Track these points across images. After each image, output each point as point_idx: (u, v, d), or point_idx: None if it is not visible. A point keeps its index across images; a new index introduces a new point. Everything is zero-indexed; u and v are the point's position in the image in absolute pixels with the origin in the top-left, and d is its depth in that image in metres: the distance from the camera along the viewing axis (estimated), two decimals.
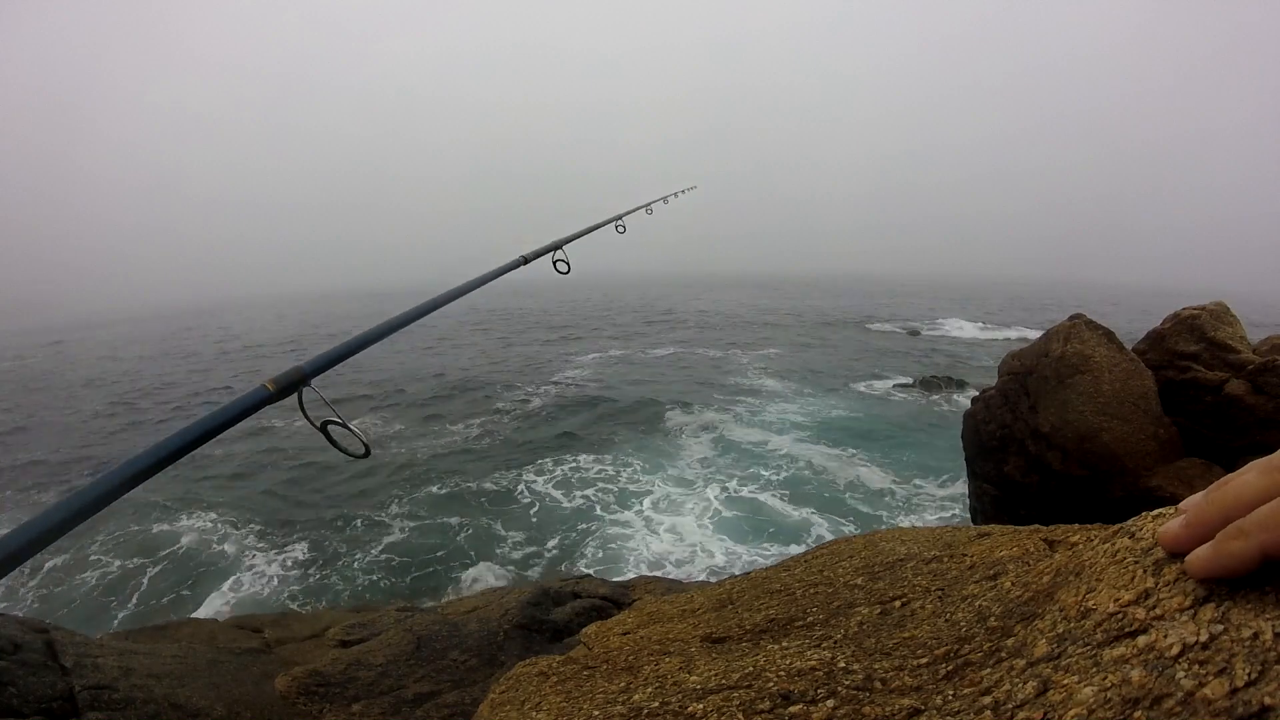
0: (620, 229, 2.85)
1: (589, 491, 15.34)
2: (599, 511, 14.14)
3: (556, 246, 1.96)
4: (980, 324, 51.72)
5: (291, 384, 0.84)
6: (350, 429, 0.86)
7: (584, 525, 13.48)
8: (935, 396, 24.65)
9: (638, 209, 3.29)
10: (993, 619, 0.72)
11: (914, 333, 46.80)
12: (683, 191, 4.37)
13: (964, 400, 21.63)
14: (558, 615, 5.46)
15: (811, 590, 1.30)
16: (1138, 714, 0.40)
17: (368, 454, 0.89)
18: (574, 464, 17.44)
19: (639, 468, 16.96)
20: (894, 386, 26.51)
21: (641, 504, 14.41)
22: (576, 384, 28.50)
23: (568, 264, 1.98)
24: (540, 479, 16.36)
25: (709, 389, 26.72)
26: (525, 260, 1.78)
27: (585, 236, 2.32)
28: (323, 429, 0.87)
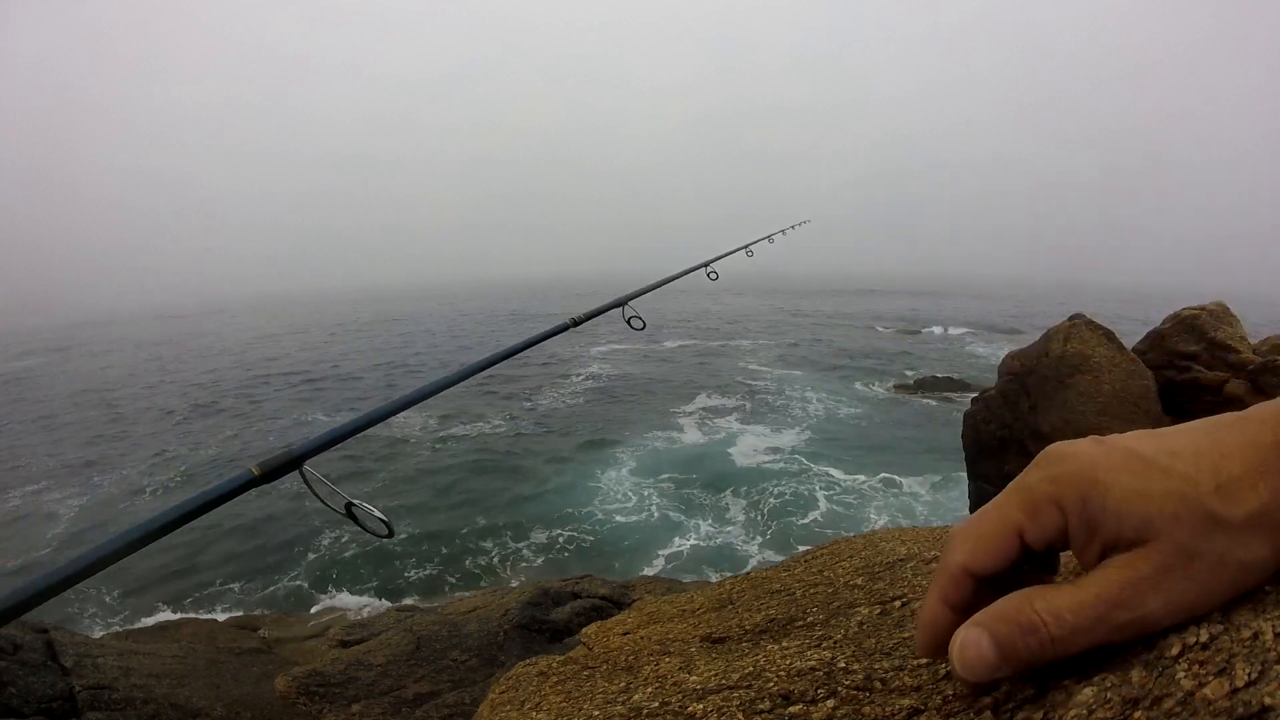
0: (712, 275, 2.43)
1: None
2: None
3: (621, 303, 1.79)
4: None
5: (282, 467, 0.77)
6: (371, 511, 0.82)
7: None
8: (935, 397, 24.65)
9: (739, 250, 2.90)
10: None
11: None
12: (795, 226, 4.08)
13: (964, 399, 21.65)
14: (557, 615, 5.46)
15: (811, 590, 1.30)
16: (1138, 714, 0.40)
17: (391, 534, 0.85)
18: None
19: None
20: (894, 387, 26.52)
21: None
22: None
23: (642, 320, 1.79)
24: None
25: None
26: (576, 322, 1.64)
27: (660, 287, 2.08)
28: (347, 511, 0.83)
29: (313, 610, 9.84)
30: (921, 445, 18.18)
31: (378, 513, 0.83)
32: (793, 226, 4.08)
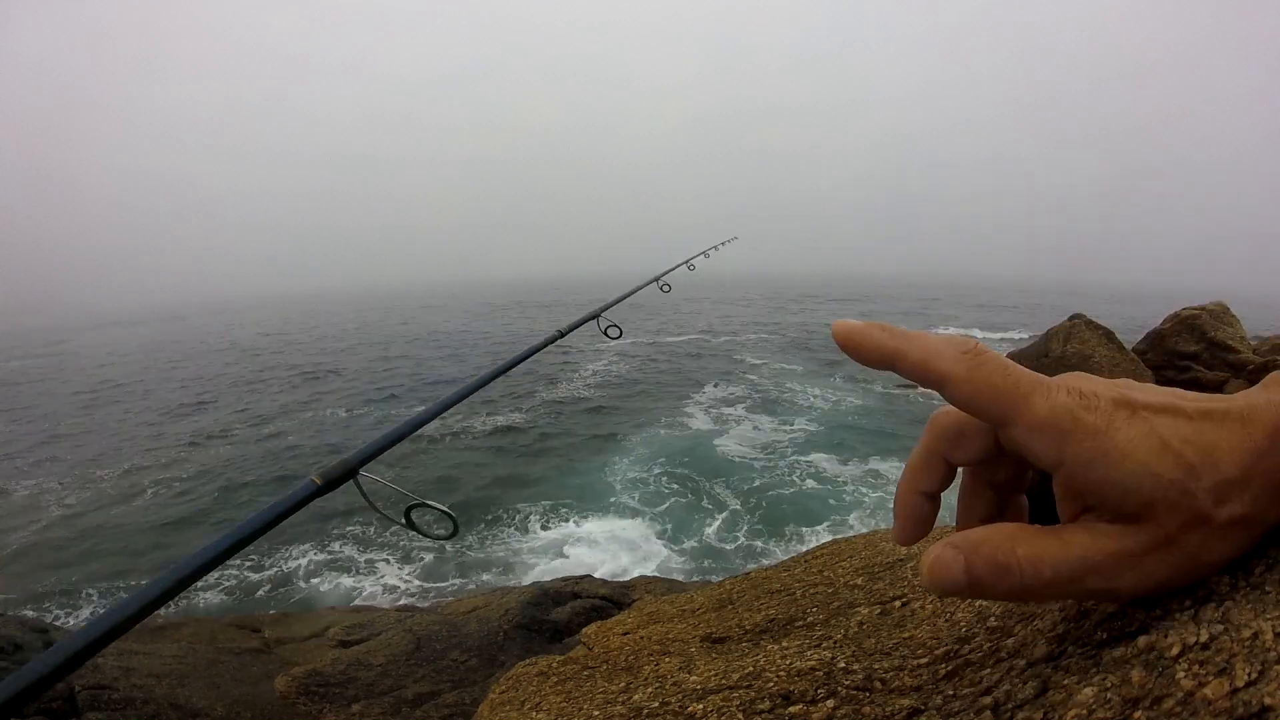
0: (665, 288, 2.75)
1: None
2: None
3: (595, 315, 1.94)
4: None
5: (341, 476, 0.80)
6: (436, 507, 0.82)
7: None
8: (935, 396, 24.63)
9: (679, 266, 3.24)
10: (993, 619, 0.72)
11: None
12: (724, 244, 4.56)
13: None
14: (558, 615, 5.46)
15: (811, 590, 1.30)
16: (1138, 714, 0.40)
17: (456, 531, 0.83)
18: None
19: None
20: (895, 384, 26.52)
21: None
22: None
23: (619, 328, 1.94)
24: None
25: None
26: (561, 333, 1.75)
27: (629, 298, 2.34)
28: (406, 517, 0.82)
29: (313, 610, 9.84)
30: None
31: (443, 508, 0.81)
32: (724, 243, 4.56)
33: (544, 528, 13.51)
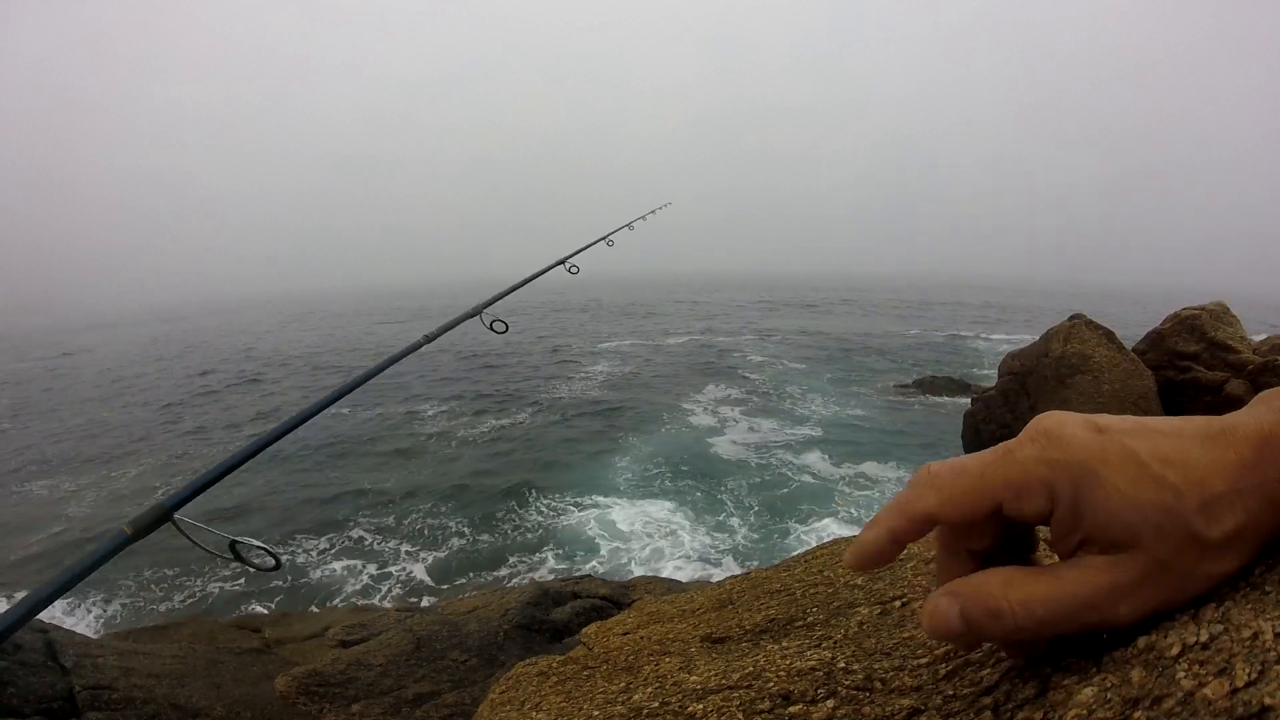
0: (573, 270, 2.64)
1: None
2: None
3: (478, 311, 1.88)
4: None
5: (154, 521, 0.79)
6: (257, 545, 0.83)
7: None
8: (935, 396, 24.65)
9: (599, 241, 3.13)
10: None
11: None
12: (657, 210, 4.26)
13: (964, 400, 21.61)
14: (557, 615, 5.46)
15: (811, 590, 1.30)
16: (1138, 714, 0.40)
17: (279, 566, 0.86)
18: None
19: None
20: (894, 386, 26.52)
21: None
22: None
23: (504, 323, 1.87)
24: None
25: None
26: (429, 338, 1.70)
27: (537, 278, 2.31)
28: (231, 548, 0.83)
29: (313, 610, 9.84)
30: (921, 443, 18.19)
31: (259, 543, 0.83)
32: (653, 211, 4.21)
33: (546, 526, 13.56)
